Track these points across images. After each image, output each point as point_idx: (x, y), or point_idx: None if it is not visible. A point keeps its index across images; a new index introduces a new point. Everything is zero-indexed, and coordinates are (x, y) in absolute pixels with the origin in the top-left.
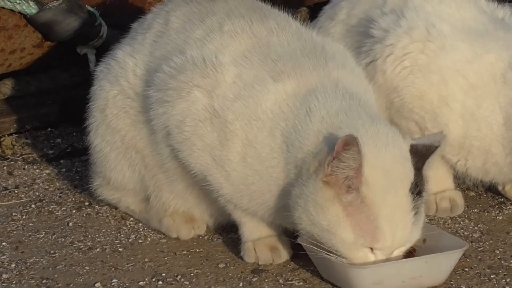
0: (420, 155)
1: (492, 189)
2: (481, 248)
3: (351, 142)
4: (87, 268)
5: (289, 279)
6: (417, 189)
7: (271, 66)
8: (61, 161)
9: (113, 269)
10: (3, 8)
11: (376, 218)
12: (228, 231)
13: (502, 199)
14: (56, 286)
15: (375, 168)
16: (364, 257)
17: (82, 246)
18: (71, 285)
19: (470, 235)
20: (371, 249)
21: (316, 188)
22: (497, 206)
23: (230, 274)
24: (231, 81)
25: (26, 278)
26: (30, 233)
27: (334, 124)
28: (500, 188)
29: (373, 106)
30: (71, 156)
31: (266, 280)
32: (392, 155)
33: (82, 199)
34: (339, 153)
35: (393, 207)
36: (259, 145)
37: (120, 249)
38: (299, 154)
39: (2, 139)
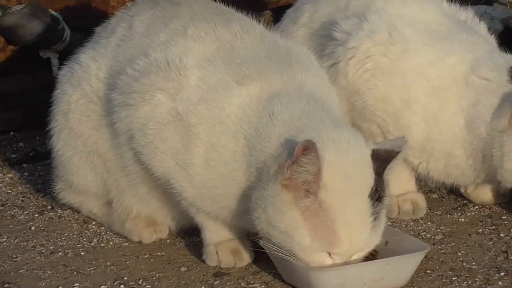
0: (382, 160)
1: (454, 191)
2: (443, 250)
3: (309, 147)
4: (49, 272)
5: (251, 282)
6: (377, 194)
7: (235, 69)
8: (24, 165)
9: (75, 273)
10: None
11: (333, 223)
12: (190, 235)
13: (465, 201)
14: None
15: (334, 173)
16: (321, 261)
17: (44, 250)
18: None
19: (433, 237)
20: (329, 253)
21: (275, 191)
22: (459, 208)
23: (192, 278)
24: (194, 85)
25: None
26: None
27: (297, 128)
28: (462, 190)
29: (336, 110)
30: (34, 160)
31: (228, 283)
32: (352, 160)
33: (44, 203)
34: (298, 158)
35: (351, 212)
36: (222, 148)
37: (82, 253)
38: (260, 157)
39: None
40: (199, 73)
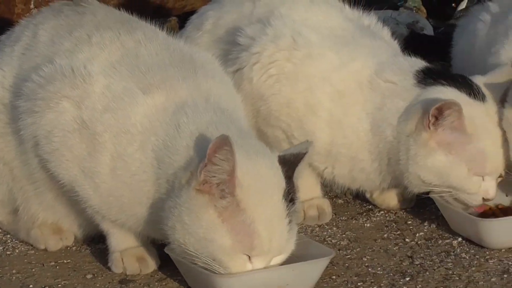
0: (289, 163)
1: (360, 197)
2: (349, 256)
3: (223, 142)
4: None
5: None
6: (290, 196)
7: (140, 77)
8: None
9: None
10: None
11: (252, 222)
12: (96, 242)
13: (370, 206)
14: None
15: (248, 171)
16: (242, 266)
17: None
18: None
19: (338, 242)
20: (249, 258)
21: (190, 197)
22: (365, 214)
23: (98, 285)
24: (100, 92)
25: None
26: None
27: (204, 137)
28: (368, 195)
29: (242, 119)
30: None
31: None
32: (263, 162)
33: None
34: (212, 156)
35: (269, 211)
36: (129, 158)
37: None
38: (170, 170)
39: None
40: (104, 81)
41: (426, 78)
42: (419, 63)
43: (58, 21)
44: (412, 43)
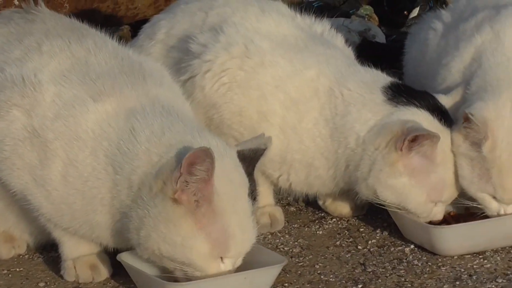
0: (249, 160)
1: (312, 204)
2: (301, 263)
3: (205, 154)
4: None
5: None
6: (253, 194)
7: (90, 85)
8: None
9: None
10: None
11: (228, 226)
12: (48, 250)
13: (323, 214)
14: None
15: (220, 177)
16: (217, 268)
17: None
18: None
19: (291, 250)
20: (221, 259)
21: (166, 207)
22: (317, 221)
23: None
24: (50, 100)
25: None
26: None
27: (164, 142)
28: (320, 202)
29: (193, 120)
30: None
31: None
32: (228, 163)
33: None
34: (191, 166)
35: (241, 213)
36: (80, 164)
37: None
38: (132, 176)
39: None
40: (54, 89)
41: (396, 96)
42: (382, 77)
43: (8, 29)
44: (364, 50)
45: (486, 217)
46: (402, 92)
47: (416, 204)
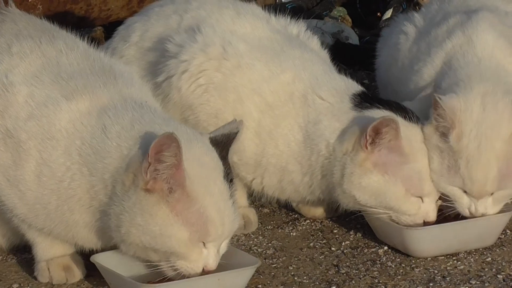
0: (222, 144)
1: (286, 206)
2: (275, 265)
3: (170, 139)
4: None
5: None
6: (229, 177)
7: (62, 85)
8: None
9: None
10: None
11: (204, 210)
12: (22, 251)
13: (296, 215)
14: None
15: (191, 161)
16: (199, 254)
17: None
18: None
19: (264, 251)
20: (204, 244)
21: (139, 198)
22: (291, 223)
23: None
24: (23, 101)
25: None
26: None
27: (133, 135)
28: (294, 204)
29: (164, 113)
30: None
31: None
32: (199, 147)
33: None
34: (158, 154)
35: (216, 196)
36: (54, 164)
37: None
38: (105, 175)
39: None
40: (27, 90)
41: (362, 102)
42: (355, 86)
43: None
44: (337, 52)
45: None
46: (369, 99)
47: (396, 200)
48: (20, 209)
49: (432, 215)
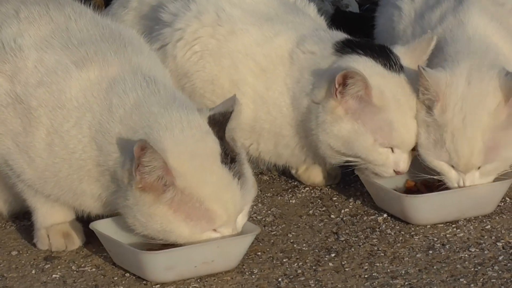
0: (219, 124)
1: (285, 173)
2: (274, 232)
3: (143, 147)
4: None
5: (82, 265)
6: (229, 157)
7: (73, 51)
8: None
9: None
10: None
11: (202, 202)
12: (21, 219)
13: (295, 183)
14: None
15: (180, 156)
16: (209, 237)
17: None
18: None
19: (263, 219)
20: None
21: (136, 198)
22: (290, 190)
23: (23, 261)
24: (32, 66)
25: None
26: None
27: (130, 127)
28: (293, 172)
29: (171, 88)
30: None
31: (59, 267)
32: (191, 136)
33: None
34: (140, 159)
35: (213, 184)
36: (65, 135)
37: None
38: (109, 161)
39: None
40: (36, 55)
41: (344, 47)
42: (340, 35)
43: None
44: (337, 20)
45: None
46: (352, 44)
47: (364, 149)
48: (28, 175)
49: (403, 165)
